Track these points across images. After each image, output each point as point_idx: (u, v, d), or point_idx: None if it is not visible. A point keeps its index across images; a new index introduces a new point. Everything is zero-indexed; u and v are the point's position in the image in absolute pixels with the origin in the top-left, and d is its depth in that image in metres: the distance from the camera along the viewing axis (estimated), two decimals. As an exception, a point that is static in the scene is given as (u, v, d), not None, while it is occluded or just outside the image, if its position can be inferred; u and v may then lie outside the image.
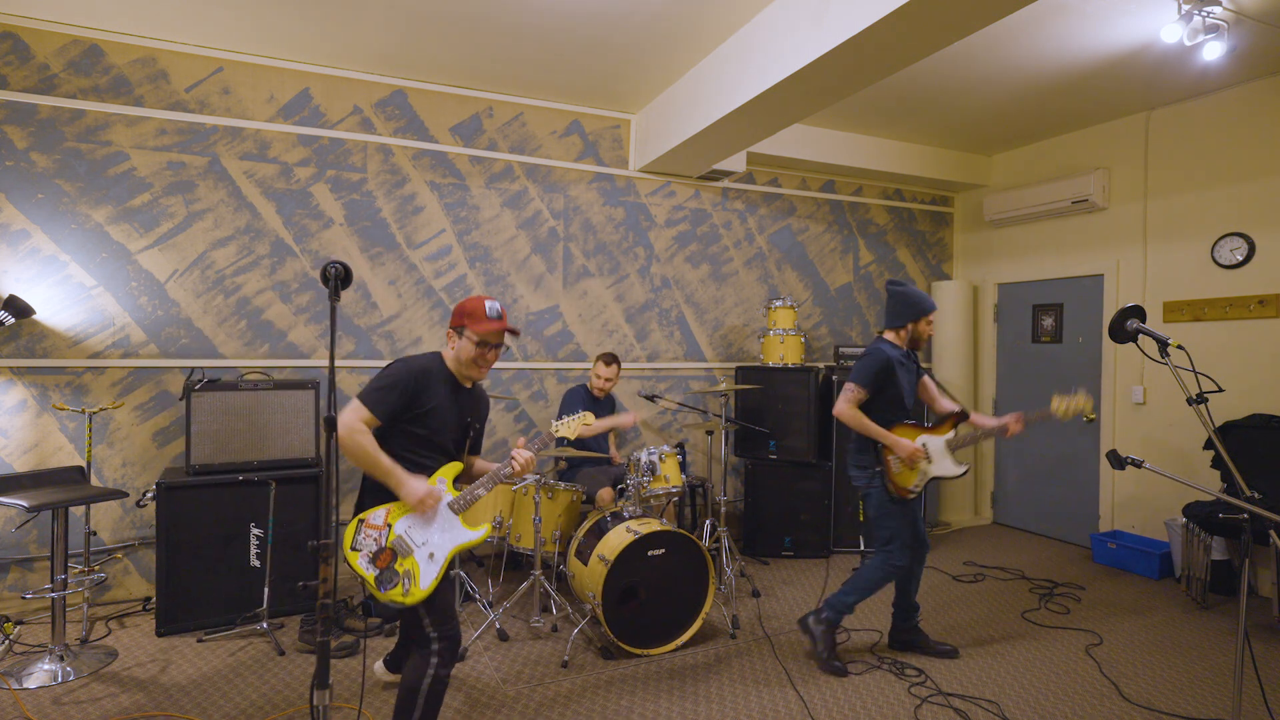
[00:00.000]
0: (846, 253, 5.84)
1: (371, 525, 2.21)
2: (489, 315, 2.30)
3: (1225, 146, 4.38)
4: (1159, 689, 3.01)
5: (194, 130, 3.95)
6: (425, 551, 2.24)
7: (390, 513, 2.23)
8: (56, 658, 2.96)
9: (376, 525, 2.22)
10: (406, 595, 2.16)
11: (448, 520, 2.31)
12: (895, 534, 3.12)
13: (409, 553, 2.21)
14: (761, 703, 2.85)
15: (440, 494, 2.27)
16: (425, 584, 2.19)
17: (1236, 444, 4.04)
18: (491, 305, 2.32)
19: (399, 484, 2.18)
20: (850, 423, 3.14)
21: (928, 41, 2.97)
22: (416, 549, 2.23)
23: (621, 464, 4.34)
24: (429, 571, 2.21)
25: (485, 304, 2.32)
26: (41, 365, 3.66)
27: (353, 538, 2.19)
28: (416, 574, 2.20)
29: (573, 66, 4.18)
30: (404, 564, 2.20)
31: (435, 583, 2.21)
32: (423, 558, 2.23)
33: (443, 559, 2.25)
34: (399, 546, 2.20)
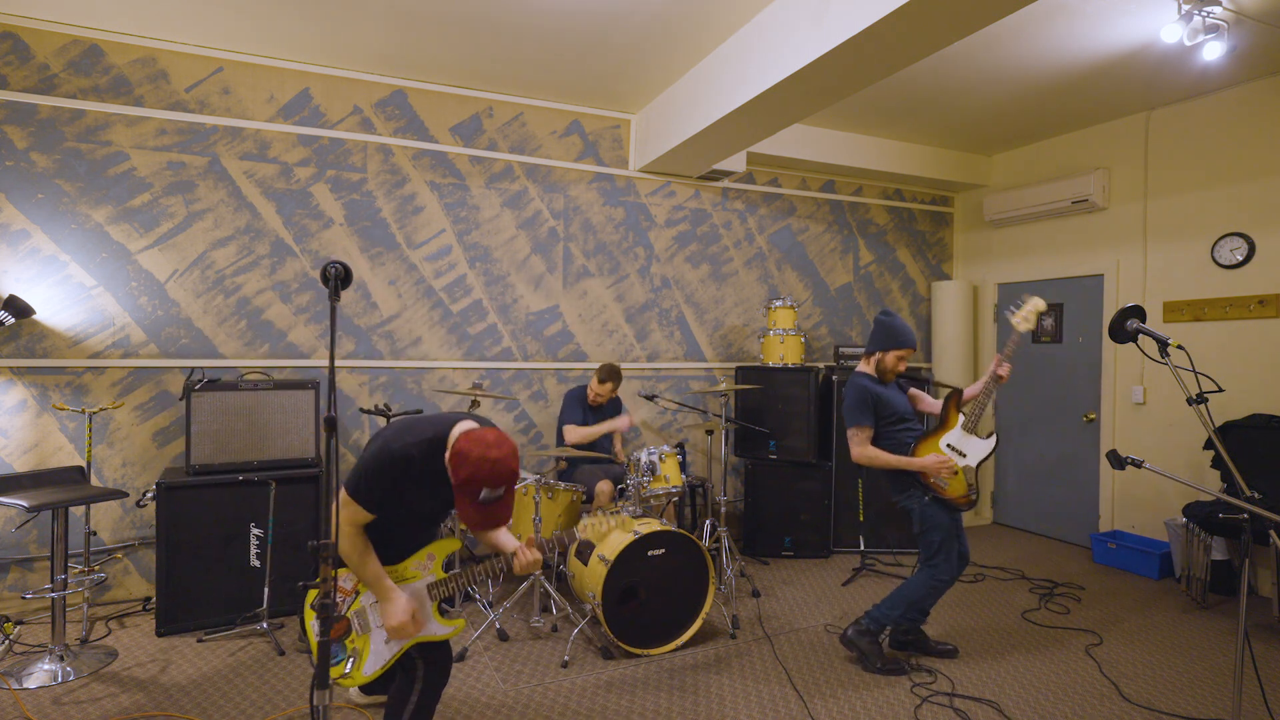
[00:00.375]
0: (846, 253, 5.84)
1: (340, 589, 2.06)
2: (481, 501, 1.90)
3: (1225, 146, 4.38)
4: (1159, 689, 3.01)
5: (194, 130, 3.95)
6: (383, 635, 2.04)
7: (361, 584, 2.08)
8: (56, 658, 2.96)
9: (344, 590, 2.06)
10: (345, 677, 2.00)
11: (420, 606, 2.08)
12: (941, 546, 3.07)
13: (365, 630, 2.05)
14: (761, 702, 2.85)
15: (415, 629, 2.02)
16: (369, 670, 2.01)
17: (1236, 444, 4.04)
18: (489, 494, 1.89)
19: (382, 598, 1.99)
20: (869, 462, 3.14)
21: (928, 41, 2.97)
22: (374, 630, 2.05)
23: (622, 463, 4.34)
24: (379, 657, 2.02)
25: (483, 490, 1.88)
26: (41, 365, 3.66)
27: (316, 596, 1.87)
28: (364, 656, 2.02)
29: (573, 66, 4.18)
30: (356, 642, 2.03)
31: (379, 672, 2.02)
32: (378, 640, 2.04)
33: (399, 648, 2.05)
34: (357, 621, 2.04)
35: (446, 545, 2.21)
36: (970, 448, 3.10)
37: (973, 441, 3.11)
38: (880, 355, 3.20)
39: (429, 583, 2.12)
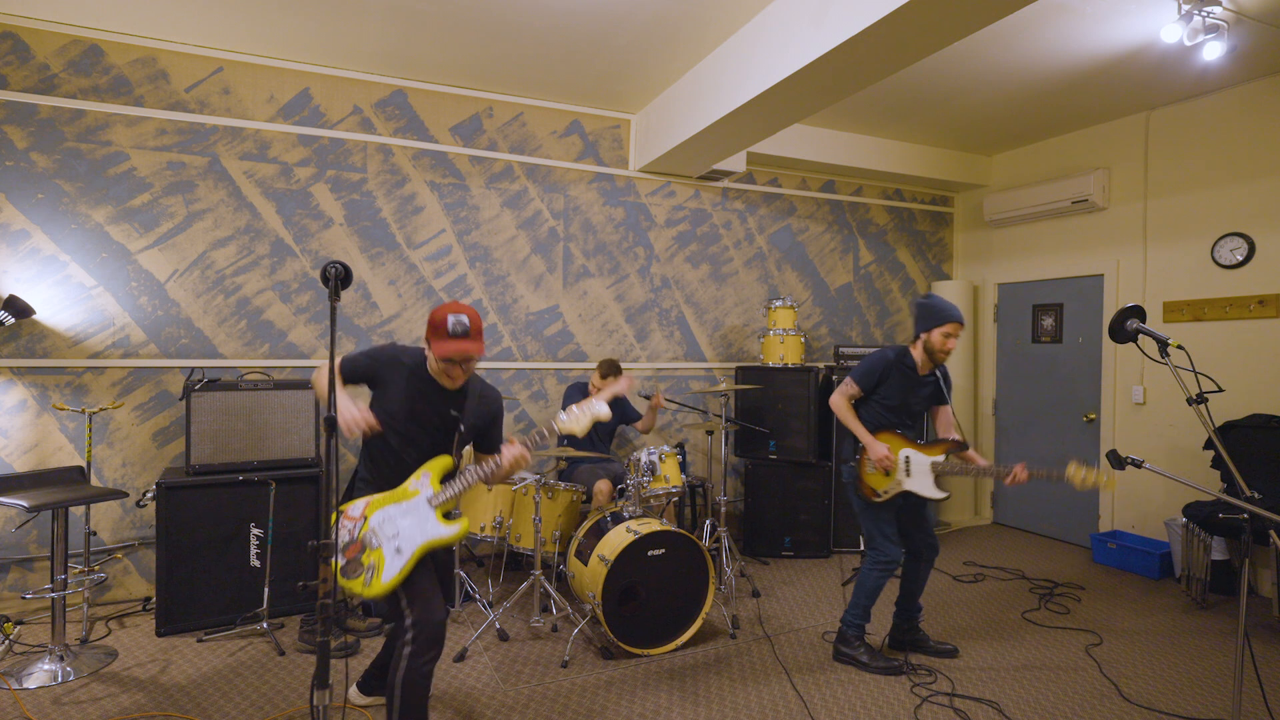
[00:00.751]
0: (846, 253, 5.84)
1: (349, 517, 2.25)
2: (450, 332, 2.20)
3: (1225, 146, 4.38)
4: (1159, 689, 3.01)
5: (194, 130, 3.95)
6: (393, 545, 2.22)
7: (369, 505, 2.26)
8: (56, 658, 2.96)
9: (353, 517, 2.25)
10: (366, 587, 2.16)
11: (423, 514, 2.28)
12: (874, 532, 3.17)
13: (377, 546, 2.21)
14: (761, 703, 2.85)
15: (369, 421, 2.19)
16: (387, 577, 2.18)
17: (1236, 444, 4.04)
18: (456, 320, 2.20)
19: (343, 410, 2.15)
20: (837, 413, 3.24)
21: (928, 41, 2.97)
22: (385, 542, 2.21)
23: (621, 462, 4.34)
24: (394, 565, 2.20)
25: (449, 319, 2.21)
26: (41, 365, 3.66)
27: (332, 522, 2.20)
28: (380, 567, 2.19)
29: (573, 66, 4.18)
30: (370, 556, 2.20)
31: (399, 577, 2.19)
32: (390, 551, 2.21)
33: (410, 553, 2.22)
34: (369, 539, 2.21)
35: (439, 462, 2.36)
36: (920, 479, 3.12)
37: (927, 479, 3.12)
38: (925, 336, 3.09)
39: (427, 496, 2.30)
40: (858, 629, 3.19)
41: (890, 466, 3.09)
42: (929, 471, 3.11)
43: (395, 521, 2.25)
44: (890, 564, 3.15)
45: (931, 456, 3.12)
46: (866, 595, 3.17)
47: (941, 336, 3.07)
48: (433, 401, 2.35)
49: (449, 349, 2.21)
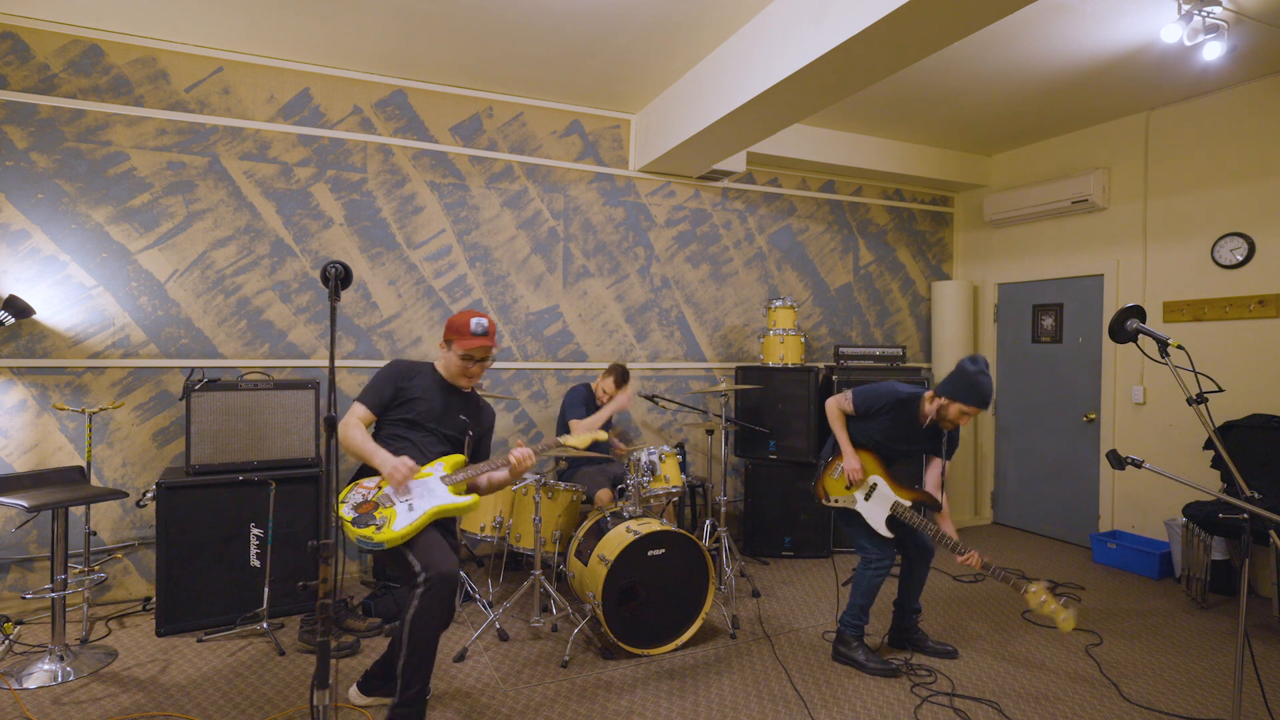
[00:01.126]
0: (846, 253, 5.84)
1: (364, 486, 2.45)
2: (473, 332, 2.53)
3: (1225, 146, 4.38)
4: (1159, 689, 3.01)
5: (194, 130, 3.95)
6: (406, 504, 2.40)
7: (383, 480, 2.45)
8: (56, 658, 2.96)
9: (368, 486, 2.44)
10: (378, 532, 2.30)
11: (436, 486, 2.48)
12: (853, 535, 3.25)
13: (391, 504, 2.39)
14: (761, 702, 2.85)
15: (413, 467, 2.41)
16: (398, 526, 2.32)
17: (1236, 444, 4.04)
18: (477, 322, 2.54)
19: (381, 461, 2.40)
20: (829, 417, 3.34)
21: (928, 41, 2.97)
22: (399, 502, 2.40)
23: (621, 462, 4.33)
24: (405, 518, 2.35)
25: (471, 321, 2.54)
26: (41, 365, 3.66)
27: (346, 494, 2.40)
28: (392, 518, 2.34)
29: (573, 66, 4.18)
30: (383, 511, 2.37)
31: (410, 528, 2.33)
32: (402, 509, 2.39)
33: (421, 511, 2.39)
34: (383, 500, 2.40)
35: (453, 457, 2.57)
36: (876, 509, 3.18)
37: (881, 511, 3.16)
38: (946, 402, 3.00)
39: (440, 474, 2.51)
40: (855, 629, 3.19)
41: (856, 479, 3.19)
42: (887, 507, 3.15)
43: (408, 489, 2.43)
44: (880, 563, 3.15)
45: (898, 496, 3.14)
46: (862, 595, 3.18)
47: (958, 412, 3.00)
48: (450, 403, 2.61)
49: (473, 345, 2.52)
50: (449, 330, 2.57)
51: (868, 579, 3.17)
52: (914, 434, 3.17)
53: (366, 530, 2.31)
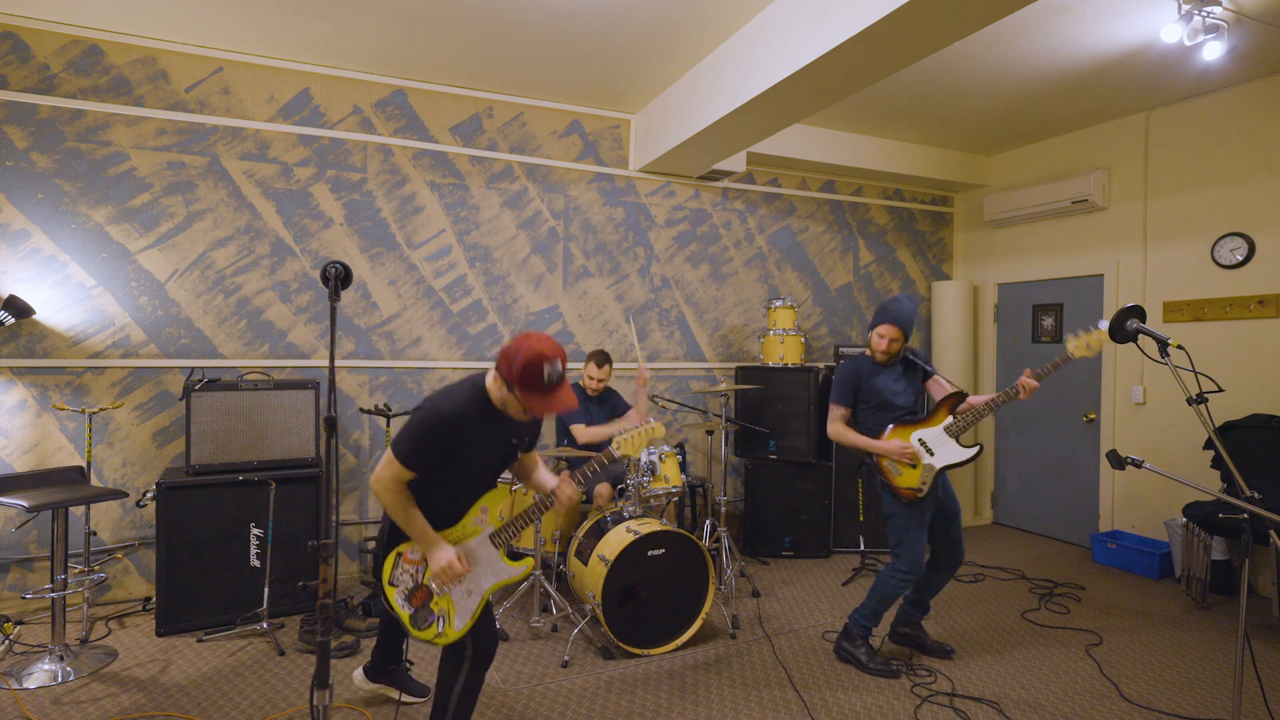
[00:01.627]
0: (846, 253, 5.84)
1: (409, 560, 2.15)
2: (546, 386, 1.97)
3: (1225, 146, 4.38)
4: (1159, 689, 3.01)
5: (194, 130, 3.95)
6: (463, 589, 2.16)
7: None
8: (56, 658, 2.96)
9: (414, 560, 2.14)
10: (439, 637, 2.12)
11: (488, 555, 2.23)
12: (902, 539, 3.06)
13: (445, 591, 2.14)
14: (761, 703, 2.85)
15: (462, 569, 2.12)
16: (460, 624, 2.14)
17: (1236, 444, 4.03)
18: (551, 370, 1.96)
19: (428, 548, 2.10)
20: (839, 440, 3.22)
21: (928, 41, 2.97)
22: (455, 588, 2.16)
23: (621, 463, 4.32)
24: (465, 609, 2.15)
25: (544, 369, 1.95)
26: (41, 365, 3.66)
27: (390, 571, 2.14)
28: (451, 614, 2.14)
29: (573, 66, 4.18)
30: (440, 603, 2.14)
31: (471, 621, 2.14)
32: (459, 595, 2.16)
33: (480, 594, 2.18)
34: (435, 586, 2.14)
35: (495, 496, 2.28)
36: (944, 449, 3.04)
37: (950, 445, 3.04)
38: (869, 335, 3.21)
39: (489, 533, 2.24)
40: (863, 629, 3.17)
41: (913, 456, 3.04)
42: (946, 437, 3.05)
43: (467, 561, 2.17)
44: (908, 575, 3.07)
45: (940, 423, 3.09)
46: (879, 600, 3.12)
47: (876, 337, 3.17)
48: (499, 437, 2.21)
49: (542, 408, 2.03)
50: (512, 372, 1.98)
51: (890, 586, 3.10)
52: (889, 376, 3.19)
53: (427, 633, 2.12)
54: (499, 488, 2.30)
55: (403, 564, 2.14)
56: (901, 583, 3.08)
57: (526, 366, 1.94)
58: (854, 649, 3.17)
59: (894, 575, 3.08)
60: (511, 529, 2.26)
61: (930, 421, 3.10)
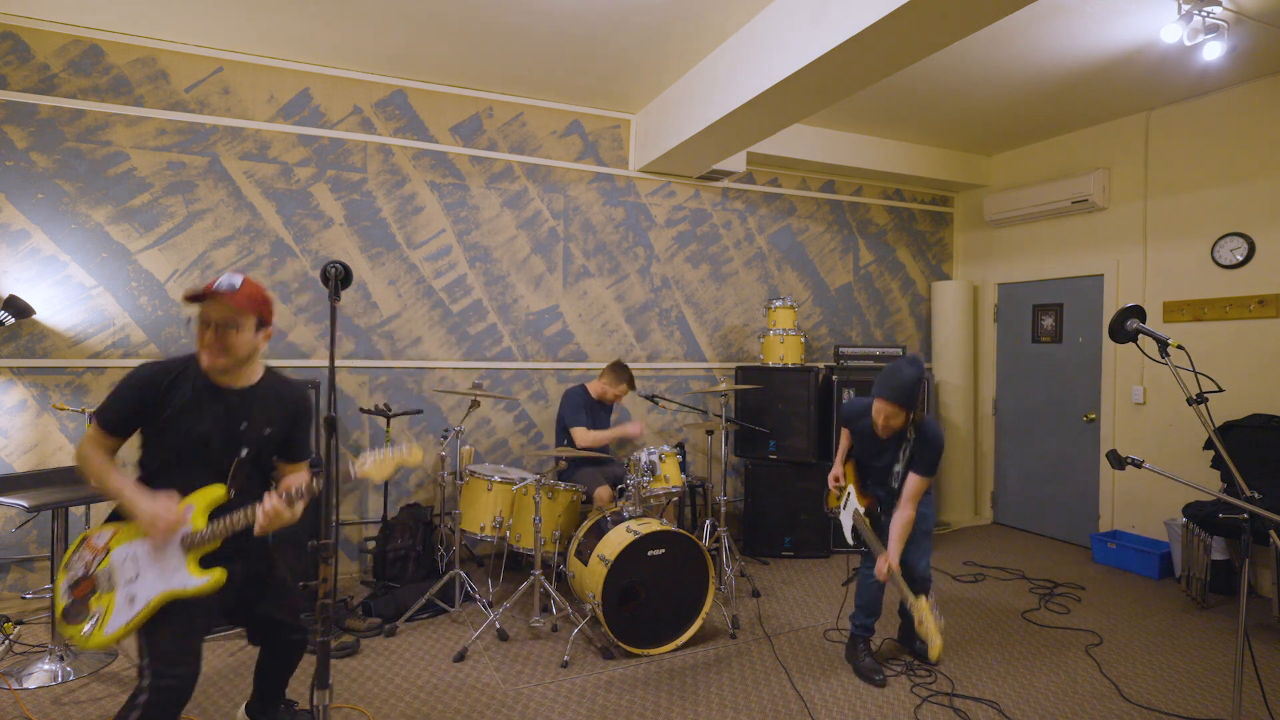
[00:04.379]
0: (846, 253, 5.84)
1: (91, 546, 1.96)
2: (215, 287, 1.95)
3: (1225, 146, 4.38)
4: (1159, 689, 3.01)
5: (194, 130, 3.95)
6: (127, 593, 1.91)
7: (116, 534, 1.96)
8: (56, 658, 2.96)
9: (95, 547, 1.96)
10: (86, 638, 1.88)
11: (172, 559, 1.94)
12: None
13: (111, 589, 1.91)
14: (761, 703, 2.85)
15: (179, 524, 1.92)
16: (110, 629, 1.88)
17: (1236, 444, 4.04)
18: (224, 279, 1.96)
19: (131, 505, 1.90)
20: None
21: (928, 41, 2.97)
22: (120, 587, 1.92)
23: (621, 462, 4.33)
24: (121, 617, 1.89)
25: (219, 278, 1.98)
26: (41, 365, 3.67)
27: (70, 555, 1.95)
28: (107, 616, 1.89)
29: (573, 67, 4.18)
30: (101, 600, 1.91)
31: (123, 631, 1.89)
32: (122, 599, 1.91)
33: (143, 604, 1.91)
34: (102, 579, 1.92)
35: (209, 493, 1.99)
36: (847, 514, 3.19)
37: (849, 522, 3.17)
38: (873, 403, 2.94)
39: (182, 535, 1.95)
40: (856, 629, 3.19)
41: (831, 487, 3.31)
42: (852, 516, 3.17)
43: (139, 561, 1.93)
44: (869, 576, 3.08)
45: (859, 503, 3.15)
46: (857, 595, 3.19)
47: (877, 410, 2.91)
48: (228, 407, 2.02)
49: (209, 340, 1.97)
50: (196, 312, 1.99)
51: (862, 581, 3.16)
52: (876, 445, 3.08)
53: (75, 629, 1.87)
54: (216, 486, 2.01)
55: (83, 549, 1.96)
56: (862, 581, 3.17)
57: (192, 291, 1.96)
58: (854, 651, 3.18)
59: (863, 571, 3.19)
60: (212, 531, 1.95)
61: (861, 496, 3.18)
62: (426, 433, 4.47)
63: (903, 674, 3.11)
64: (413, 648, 3.29)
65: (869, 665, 3.09)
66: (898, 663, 3.22)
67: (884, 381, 2.89)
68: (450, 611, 3.71)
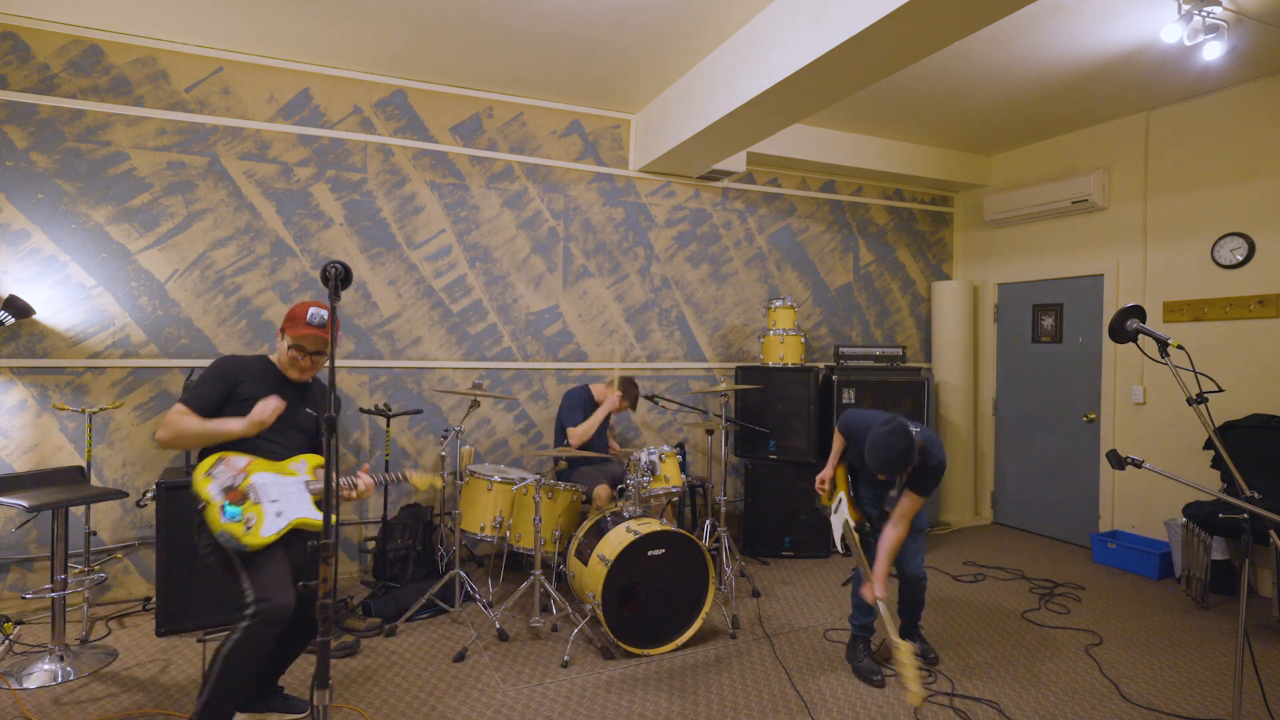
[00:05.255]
0: (846, 253, 5.84)
1: (230, 465, 2.28)
2: (307, 322, 2.38)
3: (1225, 146, 4.38)
4: (1159, 689, 3.01)
5: (194, 130, 3.95)
6: (275, 508, 2.29)
7: (252, 463, 2.32)
8: (56, 658, 2.96)
9: (236, 466, 2.29)
10: (247, 533, 2.20)
11: (300, 494, 2.37)
12: None
13: (258, 502, 2.27)
14: (761, 703, 2.85)
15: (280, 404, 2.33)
16: (266, 532, 2.23)
17: (1236, 444, 4.04)
18: (315, 313, 2.39)
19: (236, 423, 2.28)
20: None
21: (928, 41, 2.97)
22: (266, 502, 2.28)
23: (621, 462, 4.33)
24: (272, 525, 2.26)
25: (309, 310, 2.40)
26: (41, 365, 3.66)
27: (210, 466, 2.25)
28: (260, 521, 2.24)
29: (573, 67, 4.18)
30: (251, 509, 2.25)
31: (275, 537, 2.25)
32: (270, 512, 2.27)
33: (286, 522, 2.30)
34: (251, 493, 2.27)
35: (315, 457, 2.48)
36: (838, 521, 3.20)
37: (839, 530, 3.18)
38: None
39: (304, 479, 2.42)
40: (855, 629, 3.19)
41: (818, 490, 3.32)
42: (839, 522, 3.18)
43: (274, 487, 2.31)
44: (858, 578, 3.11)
45: (850, 516, 3.15)
46: (853, 595, 3.19)
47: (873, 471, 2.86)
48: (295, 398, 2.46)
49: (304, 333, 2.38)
50: (285, 319, 2.45)
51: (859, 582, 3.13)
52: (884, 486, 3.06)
53: (235, 527, 2.19)
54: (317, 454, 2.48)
55: (224, 464, 2.27)
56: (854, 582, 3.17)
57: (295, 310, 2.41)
58: (853, 651, 3.18)
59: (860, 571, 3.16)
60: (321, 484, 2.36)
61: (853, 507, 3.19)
62: (426, 433, 4.47)
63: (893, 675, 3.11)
64: (413, 648, 3.29)
65: (868, 665, 3.09)
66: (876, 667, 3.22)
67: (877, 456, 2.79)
68: (450, 611, 3.71)
